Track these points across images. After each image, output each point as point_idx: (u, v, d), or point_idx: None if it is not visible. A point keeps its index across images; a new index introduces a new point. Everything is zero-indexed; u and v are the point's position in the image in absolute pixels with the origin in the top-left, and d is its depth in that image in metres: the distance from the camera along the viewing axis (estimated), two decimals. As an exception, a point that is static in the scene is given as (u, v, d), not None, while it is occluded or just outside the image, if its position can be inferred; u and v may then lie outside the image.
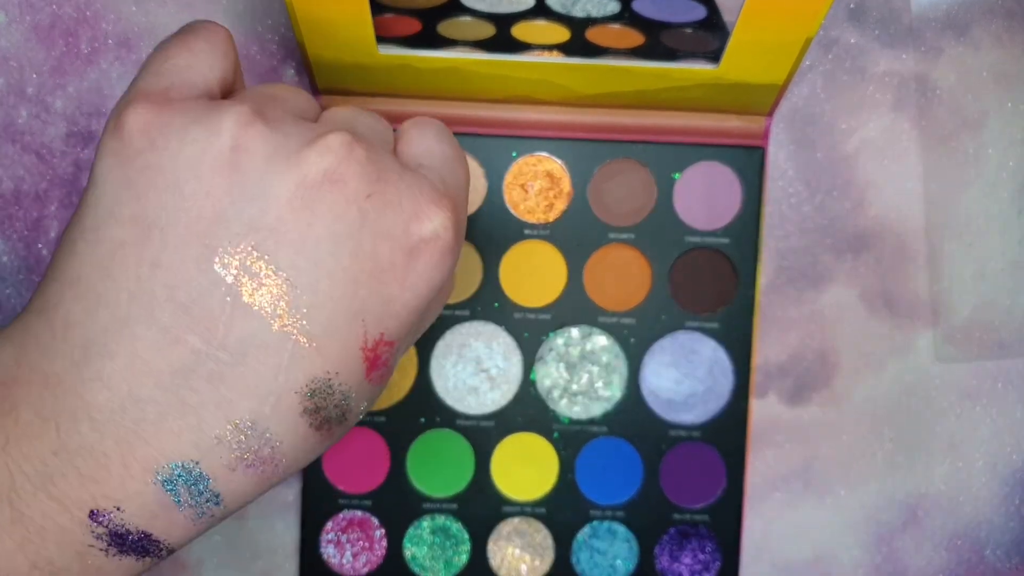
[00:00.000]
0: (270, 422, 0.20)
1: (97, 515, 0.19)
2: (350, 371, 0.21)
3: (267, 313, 0.19)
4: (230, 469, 0.20)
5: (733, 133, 0.35)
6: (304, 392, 0.20)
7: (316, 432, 0.21)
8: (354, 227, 0.20)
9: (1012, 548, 0.37)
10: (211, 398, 0.19)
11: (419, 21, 0.33)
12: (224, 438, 0.20)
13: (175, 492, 0.20)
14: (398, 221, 0.21)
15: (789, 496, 0.37)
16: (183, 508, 0.20)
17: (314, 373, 0.20)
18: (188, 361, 0.19)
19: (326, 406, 0.21)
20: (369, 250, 0.20)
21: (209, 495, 0.20)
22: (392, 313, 0.21)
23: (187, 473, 0.20)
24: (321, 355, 0.20)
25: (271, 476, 0.21)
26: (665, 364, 0.36)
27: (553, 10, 0.34)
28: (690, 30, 0.34)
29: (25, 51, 0.34)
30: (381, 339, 0.21)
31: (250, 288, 0.19)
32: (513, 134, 0.35)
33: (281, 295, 0.20)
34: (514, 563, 0.36)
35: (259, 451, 0.20)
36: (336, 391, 0.21)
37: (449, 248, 0.22)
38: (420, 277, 0.21)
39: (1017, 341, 0.36)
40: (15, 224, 0.35)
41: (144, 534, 0.20)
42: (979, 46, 0.36)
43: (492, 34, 0.33)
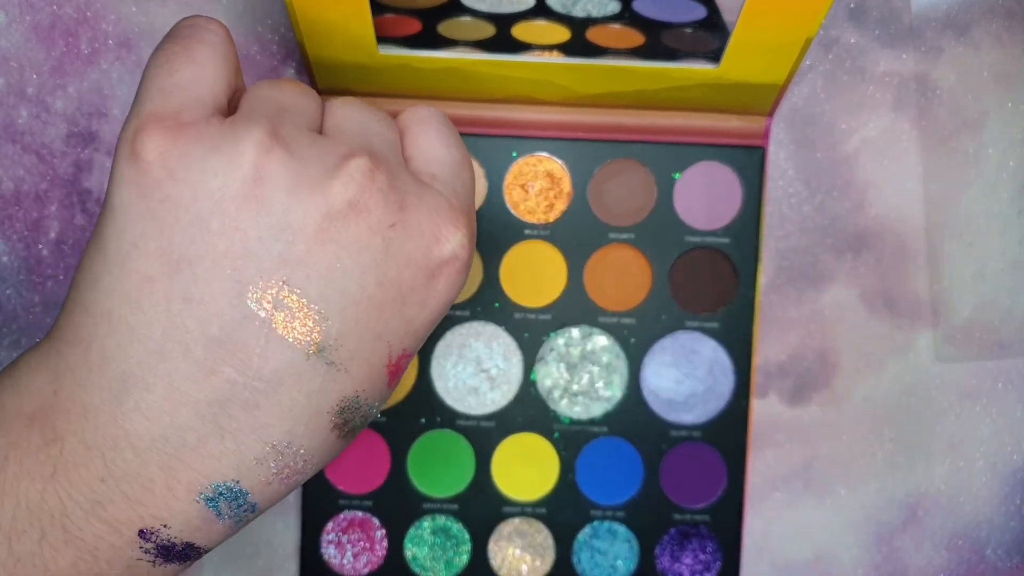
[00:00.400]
0: (304, 440, 0.21)
1: (145, 534, 0.20)
2: (375, 386, 0.22)
3: (300, 344, 0.20)
4: (267, 484, 0.21)
5: (733, 133, 0.35)
6: (335, 410, 0.21)
7: (341, 440, 0.22)
8: (379, 256, 0.21)
9: (1012, 547, 0.37)
10: (247, 424, 0.20)
11: (419, 21, 0.33)
12: (263, 459, 0.21)
13: (217, 508, 0.21)
14: (420, 246, 0.22)
15: (789, 496, 0.37)
16: (223, 520, 0.21)
17: (344, 394, 0.21)
18: (224, 391, 0.20)
19: (353, 419, 0.22)
20: (393, 277, 0.21)
21: (248, 506, 0.21)
22: (412, 331, 0.22)
23: (228, 491, 0.21)
24: (351, 377, 0.21)
25: (300, 481, 0.22)
26: (665, 364, 0.36)
27: (553, 10, 0.34)
28: (690, 30, 0.34)
29: (25, 51, 0.34)
30: (403, 355, 0.22)
31: (283, 321, 0.20)
32: (513, 134, 0.35)
33: (313, 326, 0.20)
34: (515, 563, 0.36)
35: (294, 465, 0.21)
36: (363, 405, 0.22)
37: (465, 265, 0.23)
38: (438, 296, 0.22)
39: (1017, 341, 0.36)
40: (15, 224, 0.35)
41: (188, 544, 0.21)
42: (979, 46, 0.36)
43: (492, 34, 0.33)
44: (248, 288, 0.20)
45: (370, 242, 0.21)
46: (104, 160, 0.35)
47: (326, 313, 0.20)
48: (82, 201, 0.35)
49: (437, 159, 0.24)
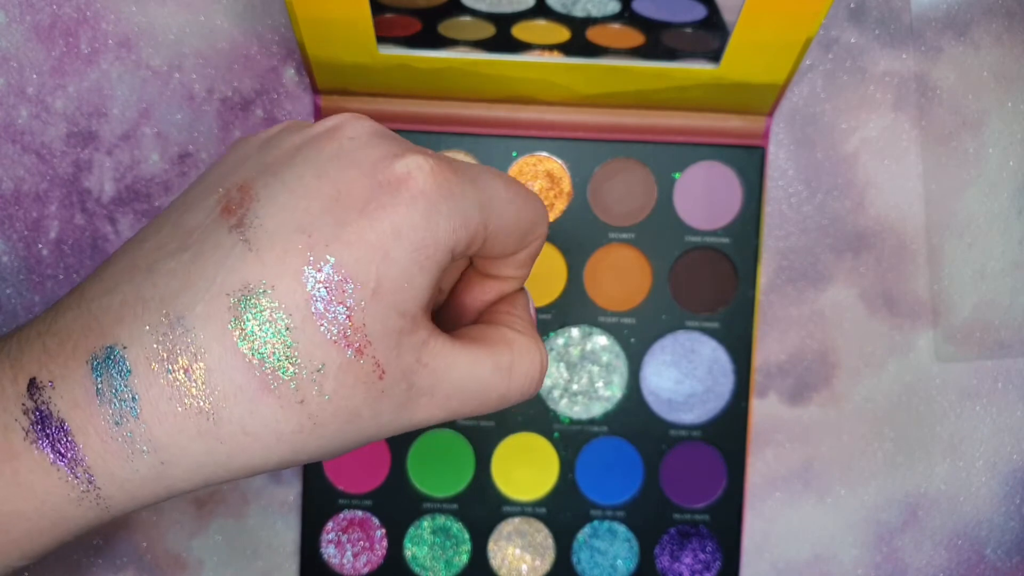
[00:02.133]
0: (197, 323, 0.19)
1: (34, 385, 0.20)
2: (289, 292, 0.19)
3: (229, 222, 0.21)
4: (151, 368, 0.19)
5: (733, 133, 0.35)
6: (236, 296, 0.19)
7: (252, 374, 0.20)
8: (327, 155, 0.21)
9: (1012, 547, 0.37)
10: (161, 292, 0.20)
11: (419, 21, 0.33)
12: (153, 328, 0.20)
13: (99, 377, 0.20)
14: (372, 155, 0.21)
15: (789, 496, 0.37)
16: (102, 402, 0.20)
17: (248, 278, 0.20)
18: (159, 259, 0.21)
19: (257, 324, 0.19)
20: (334, 174, 0.21)
21: (127, 394, 0.20)
22: (345, 239, 0.20)
23: (112, 358, 0.20)
24: (260, 260, 0.20)
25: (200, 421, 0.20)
26: (665, 364, 0.36)
27: (553, 10, 0.34)
28: (690, 30, 0.34)
29: (25, 51, 0.34)
30: (335, 270, 0.20)
31: (228, 206, 0.21)
32: (513, 134, 0.35)
33: (248, 206, 0.21)
34: (515, 563, 0.36)
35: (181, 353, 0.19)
36: (267, 308, 0.19)
37: (422, 192, 0.20)
38: (382, 208, 0.20)
39: (1017, 341, 0.36)
40: (15, 224, 0.35)
41: (61, 424, 0.20)
42: (979, 46, 0.36)
43: (492, 34, 0.33)
44: (219, 187, 0.22)
45: (326, 146, 0.21)
46: (104, 160, 0.35)
47: (260, 196, 0.21)
48: (82, 201, 0.35)
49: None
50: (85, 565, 0.36)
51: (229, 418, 0.20)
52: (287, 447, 0.20)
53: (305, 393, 0.20)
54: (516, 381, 0.23)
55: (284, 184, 0.21)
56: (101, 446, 0.20)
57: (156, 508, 0.36)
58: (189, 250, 0.20)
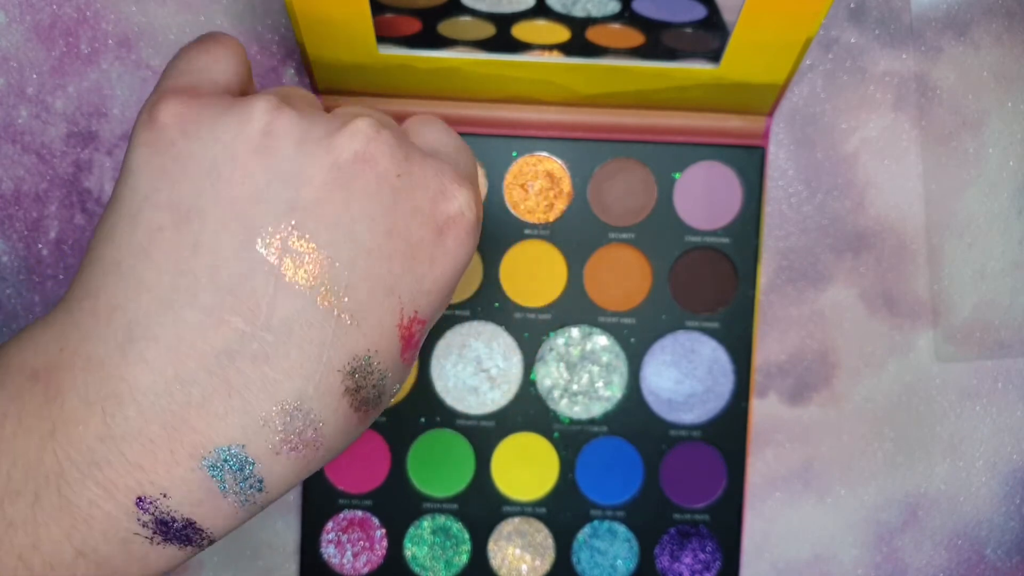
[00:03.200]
0: (314, 403, 0.20)
1: (143, 502, 0.19)
2: (387, 349, 0.21)
3: (310, 291, 0.20)
4: (275, 453, 0.20)
5: (733, 133, 0.35)
6: (346, 370, 0.20)
7: (355, 414, 0.21)
8: (387, 205, 0.21)
9: (1012, 547, 0.37)
10: (256, 379, 0.19)
11: (419, 21, 0.33)
12: (270, 420, 0.20)
13: (220, 478, 0.20)
14: (426, 199, 0.22)
15: (789, 496, 0.37)
16: (228, 495, 0.20)
17: (355, 351, 0.20)
18: (233, 342, 0.19)
19: (366, 385, 0.21)
20: (402, 228, 0.21)
21: (253, 480, 0.20)
22: (424, 291, 0.22)
23: (233, 458, 0.20)
24: (362, 332, 0.20)
25: (312, 460, 0.21)
26: (665, 364, 0.36)
27: (553, 10, 0.34)
28: (690, 30, 0.34)
29: (25, 51, 0.34)
30: (415, 317, 0.22)
31: (292, 267, 0.20)
32: (513, 134, 0.35)
33: (323, 273, 0.20)
34: (515, 563, 0.36)
35: (303, 433, 0.20)
36: (375, 370, 0.21)
37: (472, 226, 0.22)
38: (448, 254, 0.22)
39: (1017, 341, 0.36)
40: (15, 224, 0.35)
41: (188, 522, 0.20)
42: (979, 46, 0.36)
43: (492, 34, 0.33)
44: (257, 234, 0.20)
45: (378, 190, 0.21)
46: (104, 160, 0.35)
47: (335, 259, 0.20)
48: (82, 201, 0.35)
49: (437, 140, 0.25)
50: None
51: (329, 448, 0.21)
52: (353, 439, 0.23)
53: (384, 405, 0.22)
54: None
55: (360, 245, 0.20)
56: (225, 521, 0.21)
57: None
58: (271, 331, 0.19)
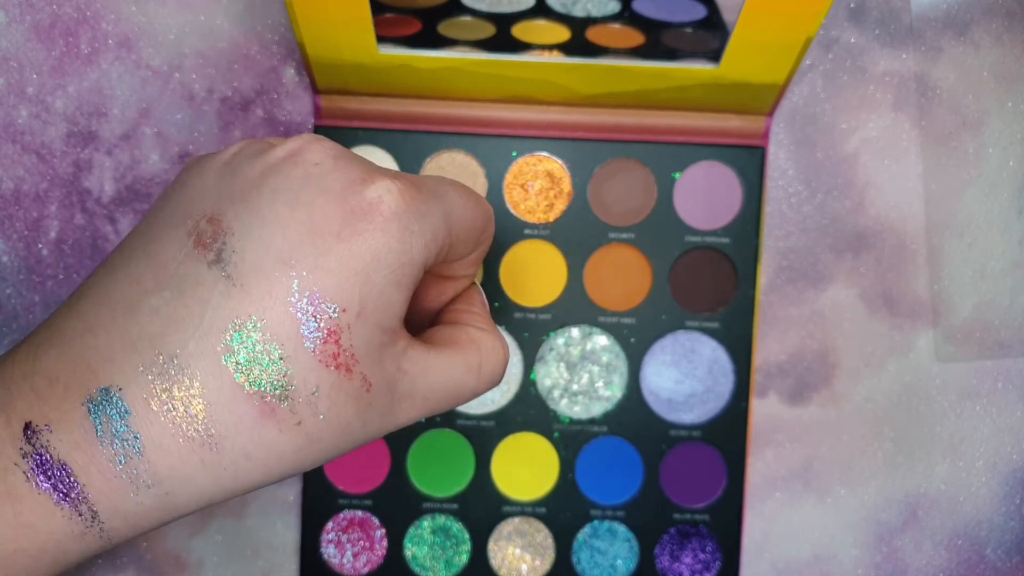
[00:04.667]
0: (192, 361, 0.20)
1: (30, 429, 0.20)
2: (278, 322, 0.20)
3: (207, 257, 0.21)
4: (150, 408, 0.20)
5: (733, 133, 0.35)
6: (227, 334, 0.20)
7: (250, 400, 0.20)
8: (295, 183, 0.21)
9: (1012, 547, 0.37)
10: (147, 330, 0.20)
11: (419, 21, 0.33)
12: (147, 369, 0.20)
13: (98, 419, 0.20)
14: (340, 181, 0.21)
15: (789, 496, 0.37)
16: (103, 443, 0.20)
17: (237, 312, 0.20)
18: (139, 298, 0.21)
19: (253, 360, 0.20)
20: (306, 202, 0.21)
21: (129, 435, 0.20)
22: (327, 267, 0.20)
23: (109, 400, 0.20)
24: (247, 295, 0.20)
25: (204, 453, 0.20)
26: (665, 364, 0.36)
27: (553, 10, 0.34)
28: (690, 30, 0.34)
29: (25, 51, 0.34)
30: (318, 299, 0.20)
31: (200, 238, 0.21)
32: (513, 134, 0.35)
33: (222, 239, 0.21)
34: (515, 563, 0.36)
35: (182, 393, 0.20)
36: (263, 343, 0.20)
37: (394, 215, 0.21)
38: (360, 234, 0.21)
39: (1017, 341, 0.36)
40: (15, 224, 0.35)
41: (63, 465, 0.20)
42: (979, 46, 0.36)
43: (492, 34, 0.33)
44: (187, 218, 0.22)
45: (291, 173, 0.22)
46: (104, 160, 0.35)
47: (234, 230, 0.21)
48: (82, 201, 0.35)
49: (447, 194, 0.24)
50: (85, 565, 0.36)
51: (231, 447, 0.21)
52: (287, 465, 0.21)
53: (302, 415, 0.21)
54: (485, 376, 0.25)
55: (257, 215, 0.21)
56: (105, 484, 0.20)
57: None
58: (169, 288, 0.21)
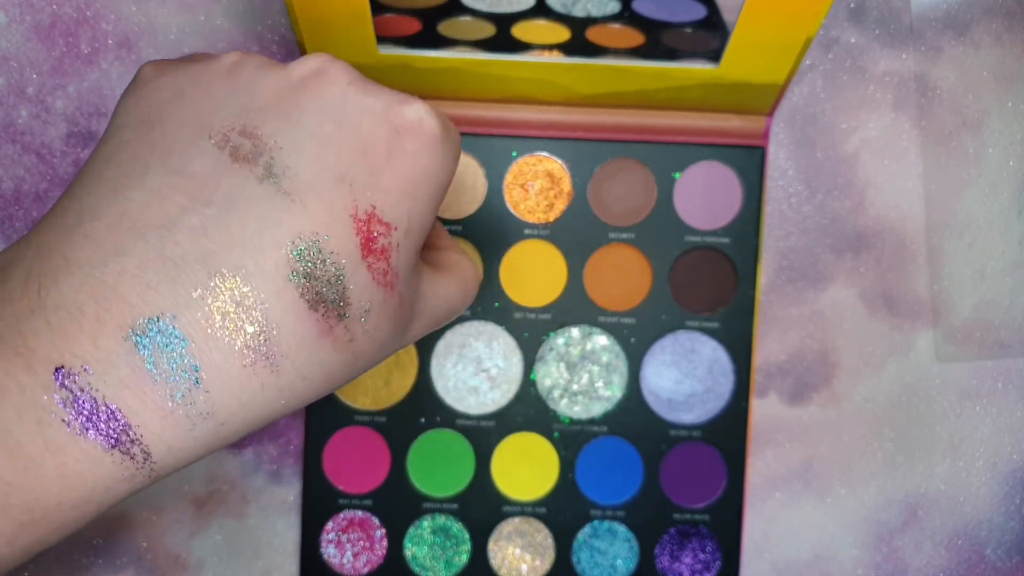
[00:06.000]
0: (256, 280, 0.19)
1: (62, 374, 0.18)
2: (340, 239, 0.20)
3: (253, 170, 0.20)
4: (211, 335, 0.19)
5: (733, 133, 0.35)
6: (290, 249, 0.19)
7: (313, 315, 0.20)
8: (335, 102, 0.21)
9: (1012, 547, 0.37)
10: (193, 250, 0.19)
11: (419, 21, 0.33)
12: (204, 292, 0.18)
13: (148, 355, 0.18)
14: (380, 102, 0.21)
15: (789, 496, 0.37)
16: (157, 379, 0.18)
17: (300, 229, 0.19)
18: (173, 216, 0.19)
19: (316, 275, 0.20)
20: (352, 121, 0.21)
21: (186, 365, 0.18)
22: (380, 186, 0.21)
23: (161, 331, 0.18)
24: (308, 212, 0.20)
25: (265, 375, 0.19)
26: (665, 364, 0.36)
27: (553, 9, 0.34)
28: (690, 30, 0.34)
29: (25, 51, 0.34)
30: (373, 213, 0.21)
31: (237, 152, 0.20)
32: (513, 134, 0.35)
33: (268, 155, 0.20)
34: (515, 563, 0.36)
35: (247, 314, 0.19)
36: (327, 260, 0.20)
37: (435, 137, 0.22)
38: (407, 155, 0.21)
39: (1017, 341, 0.36)
40: (15, 224, 0.35)
41: (111, 410, 0.18)
42: (979, 46, 0.36)
43: (492, 34, 0.33)
44: (209, 130, 0.20)
45: (327, 91, 0.21)
46: (104, 160, 0.35)
47: (280, 143, 0.20)
48: (82, 201, 0.35)
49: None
50: (85, 565, 0.36)
51: (291, 368, 0.20)
52: (333, 383, 0.21)
53: (354, 332, 0.21)
54: (469, 296, 0.26)
55: (306, 132, 0.21)
56: (160, 423, 0.18)
57: (156, 508, 0.36)
58: (213, 205, 0.19)
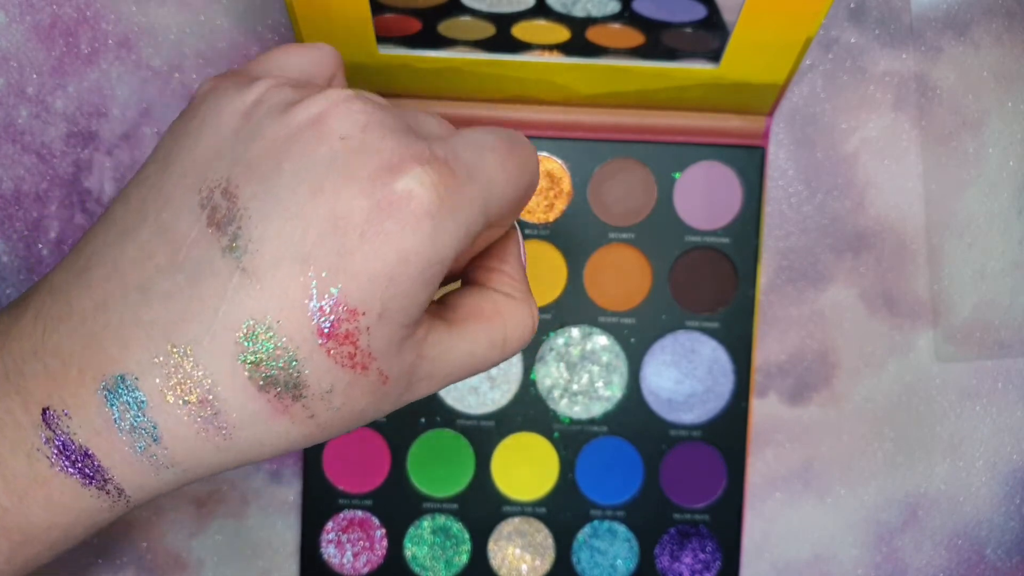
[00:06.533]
0: (206, 357, 0.19)
1: (48, 415, 0.20)
2: (294, 325, 0.19)
3: (221, 242, 0.19)
4: (165, 400, 0.20)
5: (733, 133, 0.35)
6: (241, 332, 0.19)
7: (264, 396, 0.20)
8: (319, 164, 0.19)
9: (1012, 547, 0.37)
10: (161, 317, 0.19)
11: (419, 21, 0.33)
12: (163, 360, 0.19)
13: (115, 407, 0.20)
14: (368, 167, 0.19)
15: (789, 496, 0.37)
16: (122, 432, 0.20)
17: (252, 312, 0.19)
18: (152, 277, 0.20)
19: (267, 360, 0.19)
20: (330, 190, 0.19)
21: (147, 424, 0.20)
22: (347, 269, 0.19)
23: (125, 388, 0.20)
24: (263, 293, 0.19)
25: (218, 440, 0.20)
26: (665, 364, 0.36)
27: (553, 9, 0.34)
28: (690, 30, 0.34)
29: (25, 51, 0.34)
30: (341, 302, 0.19)
31: (213, 215, 0.20)
32: (513, 134, 0.35)
33: (237, 223, 0.19)
34: (515, 563, 0.36)
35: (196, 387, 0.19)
36: (278, 345, 0.19)
37: (426, 213, 0.19)
38: (384, 235, 0.19)
39: (1017, 341, 0.36)
40: (15, 224, 0.35)
41: (86, 452, 0.20)
42: (979, 46, 0.36)
43: (492, 34, 0.33)
44: (201, 184, 0.20)
45: (315, 150, 0.19)
46: (104, 160, 0.35)
47: (251, 214, 0.19)
48: (82, 201, 0.35)
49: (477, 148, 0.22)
50: (85, 565, 0.36)
51: (246, 437, 0.20)
52: (297, 447, 0.21)
53: (315, 410, 0.20)
54: (509, 349, 0.23)
55: (277, 201, 0.19)
56: (127, 468, 0.20)
57: (156, 508, 0.36)
58: (183, 271, 0.20)
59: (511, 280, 0.24)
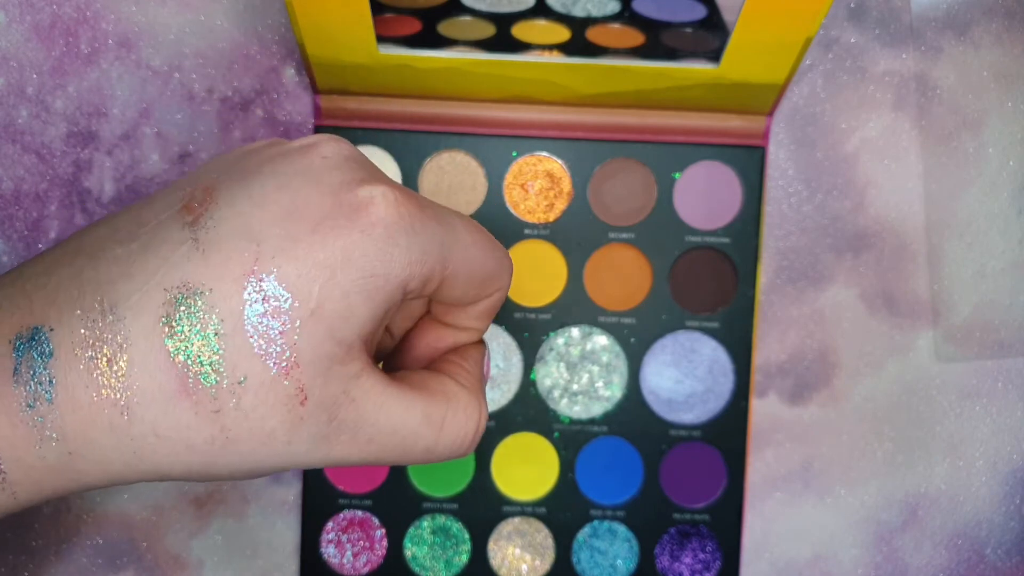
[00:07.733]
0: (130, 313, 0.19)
1: None
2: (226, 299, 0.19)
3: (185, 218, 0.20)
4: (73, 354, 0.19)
5: (733, 133, 0.35)
6: (172, 293, 0.19)
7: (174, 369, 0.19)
8: (295, 170, 0.21)
9: (1012, 547, 0.37)
10: (101, 276, 0.20)
11: (419, 21, 0.33)
12: (83, 314, 0.19)
13: (20, 356, 0.19)
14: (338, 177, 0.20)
15: (789, 496, 0.37)
16: (17, 383, 0.19)
17: (189, 276, 0.19)
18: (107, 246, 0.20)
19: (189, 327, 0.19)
20: (295, 188, 0.20)
21: (45, 377, 0.19)
22: (291, 253, 0.19)
23: (37, 340, 0.19)
24: (205, 261, 0.19)
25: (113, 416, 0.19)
26: (665, 364, 0.36)
27: (553, 9, 0.34)
28: (690, 30, 0.34)
29: (25, 51, 0.34)
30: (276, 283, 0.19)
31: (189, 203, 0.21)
32: (513, 134, 0.35)
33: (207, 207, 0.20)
34: (514, 563, 0.36)
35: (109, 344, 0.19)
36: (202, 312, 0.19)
37: (381, 222, 0.20)
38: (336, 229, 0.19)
39: (1017, 341, 0.36)
40: (15, 224, 0.35)
41: None
42: (979, 46, 0.36)
43: (492, 34, 0.33)
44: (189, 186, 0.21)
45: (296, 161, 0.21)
46: (104, 160, 0.35)
47: (219, 200, 0.20)
48: (82, 201, 0.35)
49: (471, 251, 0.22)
50: (85, 565, 0.36)
51: (143, 417, 0.19)
52: (197, 458, 0.20)
53: (223, 403, 0.19)
54: (446, 436, 0.22)
55: (245, 190, 0.20)
56: (10, 429, 0.19)
57: (156, 508, 0.36)
58: (138, 240, 0.20)
59: (468, 375, 0.24)
